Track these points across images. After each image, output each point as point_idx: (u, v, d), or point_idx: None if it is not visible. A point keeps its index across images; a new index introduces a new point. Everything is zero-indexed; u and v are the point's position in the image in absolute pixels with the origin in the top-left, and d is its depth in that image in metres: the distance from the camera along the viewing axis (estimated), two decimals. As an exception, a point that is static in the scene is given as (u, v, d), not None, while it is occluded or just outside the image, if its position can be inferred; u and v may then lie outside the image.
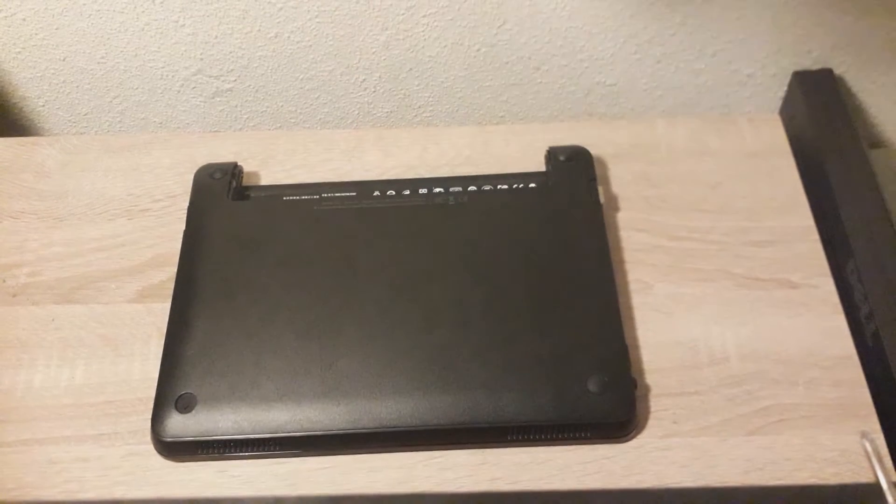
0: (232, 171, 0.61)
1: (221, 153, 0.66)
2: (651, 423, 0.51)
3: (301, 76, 0.71)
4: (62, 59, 0.70)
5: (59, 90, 0.73)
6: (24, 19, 0.67)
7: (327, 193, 0.60)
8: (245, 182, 0.63)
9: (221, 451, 0.50)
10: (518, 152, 0.65)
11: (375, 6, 0.66)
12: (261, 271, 0.56)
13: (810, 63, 0.69)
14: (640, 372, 0.53)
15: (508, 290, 0.54)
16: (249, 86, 0.72)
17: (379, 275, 0.55)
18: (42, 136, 0.77)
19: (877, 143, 0.75)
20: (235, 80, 0.72)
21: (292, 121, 0.75)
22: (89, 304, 0.57)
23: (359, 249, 0.56)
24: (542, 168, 0.62)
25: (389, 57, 0.70)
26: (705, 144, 0.64)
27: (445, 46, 0.69)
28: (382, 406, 0.50)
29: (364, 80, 0.72)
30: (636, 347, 0.54)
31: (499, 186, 0.60)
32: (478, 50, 0.69)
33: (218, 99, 0.73)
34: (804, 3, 0.65)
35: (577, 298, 0.53)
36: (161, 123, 0.76)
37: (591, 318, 0.52)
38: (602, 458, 0.50)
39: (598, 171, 0.61)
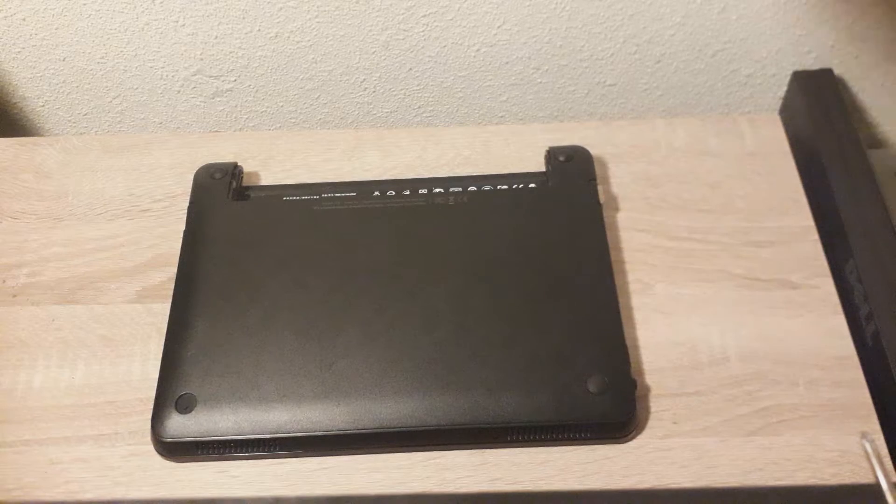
0: (232, 172, 0.61)
1: (221, 153, 0.66)
2: (651, 423, 0.51)
3: (301, 76, 0.71)
4: (62, 59, 0.70)
5: (59, 90, 0.73)
6: (24, 19, 0.67)
7: (327, 193, 0.60)
8: (245, 182, 0.63)
9: (221, 451, 0.50)
10: (518, 152, 0.65)
11: (375, 6, 0.66)
12: (261, 271, 0.56)
13: (810, 63, 0.69)
14: (640, 372, 0.53)
15: (508, 291, 0.54)
16: (249, 86, 0.72)
17: (379, 275, 0.55)
18: (42, 136, 0.77)
19: (876, 143, 0.75)
20: (235, 80, 0.72)
21: (292, 121, 0.75)
22: (89, 305, 0.57)
23: (359, 249, 0.56)
24: (542, 168, 0.61)
25: (389, 57, 0.70)
26: (705, 144, 0.64)
27: (445, 46, 0.69)
28: (382, 406, 0.50)
29: (364, 80, 0.71)
30: (636, 347, 0.54)
31: (499, 187, 0.60)
32: (478, 50, 0.69)
33: (218, 99, 0.73)
34: (804, 3, 0.65)
35: (577, 298, 0.53)
36: (161, 123, 0.76)
37: (591, 318, 0.52)
38: (602, 459, 0.50)
39: (598, 171, 0.61)
